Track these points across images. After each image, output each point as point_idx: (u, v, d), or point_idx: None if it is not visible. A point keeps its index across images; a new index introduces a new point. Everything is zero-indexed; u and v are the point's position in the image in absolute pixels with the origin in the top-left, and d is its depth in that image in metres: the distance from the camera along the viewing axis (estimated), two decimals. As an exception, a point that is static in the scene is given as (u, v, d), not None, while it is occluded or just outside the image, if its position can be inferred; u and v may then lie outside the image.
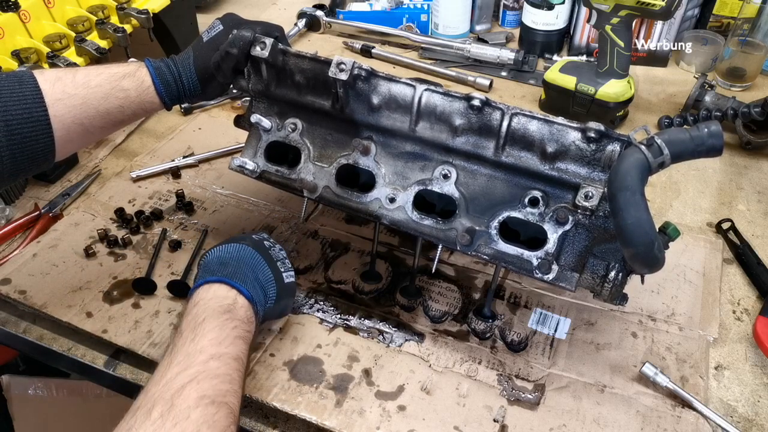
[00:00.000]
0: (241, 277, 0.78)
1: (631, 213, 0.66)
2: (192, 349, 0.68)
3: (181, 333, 0.71)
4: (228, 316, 0.73)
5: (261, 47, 0.87)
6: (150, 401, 0.62)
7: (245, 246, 0.83)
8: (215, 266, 0.80)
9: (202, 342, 0.69)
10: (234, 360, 0.69)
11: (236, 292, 0.77)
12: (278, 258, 0.86)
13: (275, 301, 0.83)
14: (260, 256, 0.83)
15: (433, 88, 0.82)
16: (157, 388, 0.64)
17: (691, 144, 0.67)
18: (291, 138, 0.91)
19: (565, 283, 0.78)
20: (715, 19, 1.58)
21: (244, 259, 0.81)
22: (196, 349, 0.68)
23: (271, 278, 0.82)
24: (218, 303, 0.74)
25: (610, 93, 1.27)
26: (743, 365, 0.89)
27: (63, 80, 0.81)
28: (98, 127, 0.85)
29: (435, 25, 1.67)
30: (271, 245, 0.87)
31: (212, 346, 0.69)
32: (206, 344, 0.69)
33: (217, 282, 0.77)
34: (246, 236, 0.87)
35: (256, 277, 0.80)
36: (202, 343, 0.69)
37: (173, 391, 0.63)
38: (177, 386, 0.63)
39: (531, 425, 0.82)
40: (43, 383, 1.43)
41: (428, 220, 0.84)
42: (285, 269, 0.86)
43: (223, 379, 0.66)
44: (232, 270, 0.79)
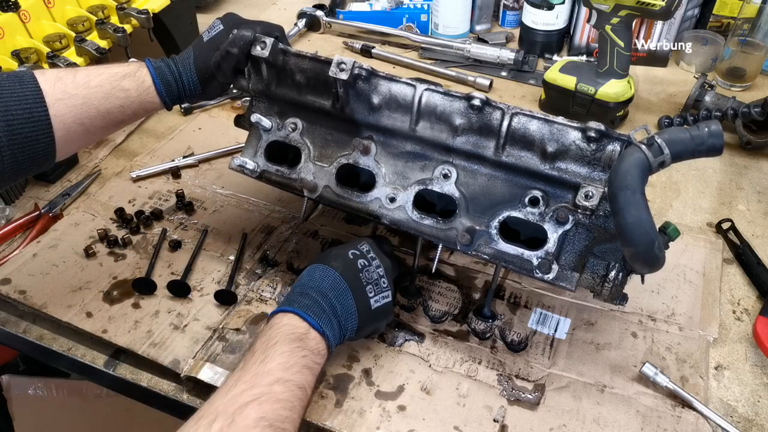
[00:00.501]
0: (317, 310, 0.77)
1: (631, 212, 0.66)
2: (260, 369, 0.69)
3: (254, 352, 0.72)
4: (299, 344, 0.73)
5: (261, 47, 0.87)
6: (213, 413, 0.63)
7: (332, 272, 0.81)
8: (296, 295, 0.79)
9: (271, 364, 0.69)
10: (298, 388, 0.69)
11: (308, 324, 0.76)
12: (370, 280, 0.82)
13: (357, 330, 0.81)
14: (346, 284, 0.80)
15: (433, 87, 0.83)
16: (222, 401, 0.65)
17: (691, 143, 0.67)
18: (291, 138, 0.91)
19: (565, 282, 0.78)
20: (715, 19, 1.58)
21: (326, 290, 0.79)
22: (264, 370, 0.69)
23: (353, 310, 0.80)
24: (291, 330, 0.74)
25: (610, 93, 1.27)
26: (743, 365, 0.89)
27: (64, 80, 0.81)
28: (99, 127, 0.85)
29: (435, 25, 1.67)
30: (366, 264, 0.83)
31: (279, 371, 0.69)
32: (274, 367, 0.69)
33: (291, 312, 0.76)
34: (340, 253, 0.84)
35: (334, 311, 0.78)
36: (271, 365, 0.69)
37: (236, 407, 0.64)
38: (240, 403, 0.64)
39: (531, 425, 0.82)
40: (43, 383, 1.43)
41: (428, 220, 0.84)
42: (376, 292, 0.82)
43: (285, 405, 0.67)
44: (309, 302, 0.77)
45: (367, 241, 0.87)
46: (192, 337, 0.92)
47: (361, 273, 0.82)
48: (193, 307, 0.97)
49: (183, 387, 0.89)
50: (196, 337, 0.92)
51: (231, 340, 0.92)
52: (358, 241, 0.86)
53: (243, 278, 1.02)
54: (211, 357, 0.89)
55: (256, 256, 1.05)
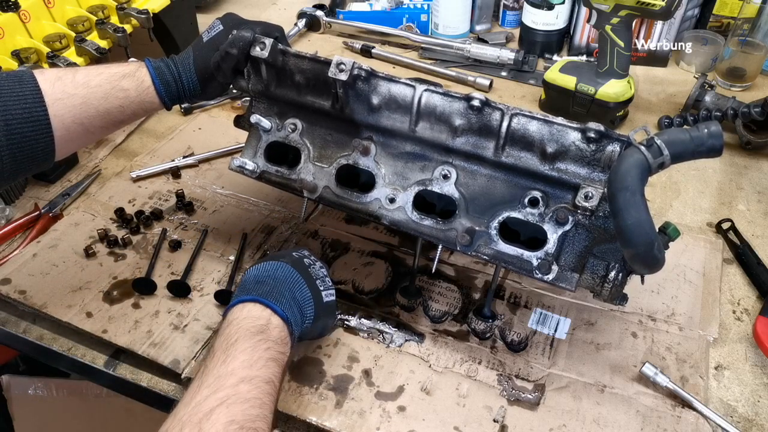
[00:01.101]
0: (277, 295, 0.76)
1: (631, 213, 0.66)
2: (223, 371, 0.66)
3: (213, 353, 0.70)
4: (261, 337, 0.71)
5: (261, 47, 0.87)
6: (178, 424, 0.61)
7: (283, 263, 0.81)
8: (251, 285, 0.78)
9: (233, 364, 0.67)
10: (265, 383, 0.67)
11: (270, 311, 0.74)
12: (318, 276, 0.84)
13: (313, 320, 0.81)
14: (298, 274, 0.81)
15: (432, 88, 0.82)
16: (186, 410, 0.63)
17: (691, 144, 0.67)
18: (291, 138, 0.91)
19: (565, 283, 0.78)
20: (715, 19, 1.58)
21: (281, 278, 0.79)
22: (226, 371, 0.66)
23: (309, 297, 0.80)
24: (251, 323, 0.72)
25: (610, 93, 1.27)
26: (743, 365, 0.89)
27: (63, 80, 0.81)
28: (98, 126, 0.85)
29: (435, 25, 1.67)
30: (312, 263, 0.85)
31: (243, 369, 0.67)
32: (237, 366, 0.67)
33: (251, 301, 0.75)
34: (286, 253, 0.85)
35: (293, 296, 0.78)
36: (233, 365, 0.67)
37: (202, 415, 0.62)
38: (206, 410, 0.62)
39: (531, 425, 0.82)
40: (43, 383, 1.43)
41: (428, 221, 0.84)
42: (325, 287, 0.84)
43: (253, 404, 0.65)
44: (268, 289, 0.77)
45: (305, 248, 0.89)
46: (192, 337, 0.92)
47: (309, 269, 0.83)
48: (193, 307, 0.97)
49: (183, 387, 0.89)
50: (196, 337, 0.92)
51: (231, 341, 0.92)
52: (297, 248, 0.89)
53: (243, 278, 1.02)
54: (211, 357, 0.89)
55: (256, 256, 1.05)
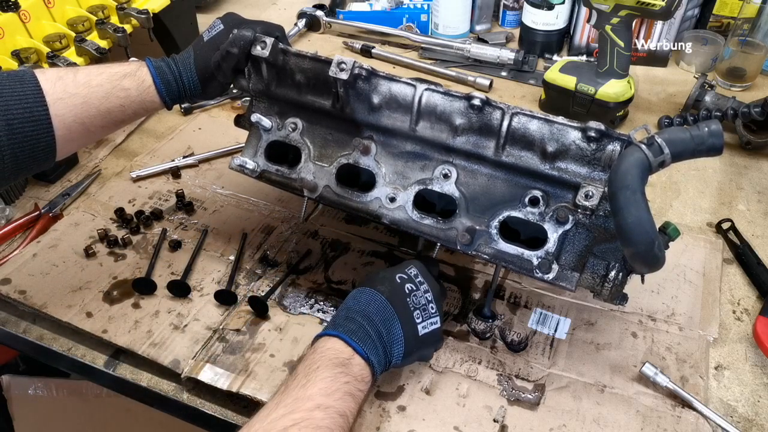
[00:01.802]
0: (362, 335, 0.74)
1: (631, 212, 0.66)
2: (301, 394, 0.67)
3: (296, 375, 0.70)
4: (342, 369, 0.71)
5: (261, 47, 0.87)
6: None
7: (378, 297, 0.78)
8: (341, 320, 0.77)
9: (312, 389, 0.68)
10: (339, 416, 0.67)
11: (352, 350, 0.73)
12: (418, 305, 0.79)
13: (403, 357, 0.78)
14: (392, 309, 0.77)
15: (433, 87, 0.83)
16: (261, 425, 0.64)
17: (691, 143, 0.67)
18: (291, 137, 0.91)
19: (565, 282, 0.78)
20: (715, 19, 1.58)
21: (372, 315, 0.76)
22: (305, 395, 0.67)
23: (399, 337, 0.77)
24: (335, 355, 0.72)
25: (610, 93, 1.27)
26: (743, 365, 0.89)
27: (64, 79, 0.81)
28: (99, 126, 0.85)
29: (435, 25, 1.67)
30: (414, 288, 0.80)
31: (321, 396, 0.67)
32: (315, 392, 0.67)
33: (335, 337, 0.74)
34: (387, 276, 0.81)
35: (380, 337, 0.76)
36: (312, 390, 0.68)
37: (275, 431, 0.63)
38: (280, 428, 0.63)
39: (531, 425, 0.82)
40: (43, 383, 1.43)
41: (428, 220, 0.84)
42: (424, 318, 0.79)
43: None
44: (354, 327, 0.75)
45: (415, 264, 0.84)
46: (192, 337, 0.92)
47: (409, 298, 0.79)
48: (193, 307, 0.97)
49: (183, 387, 0.89)
50: (196, 337, 0.92)
51: (231, 341, 0.91)
52: (406, 265, 0.83)
53: (243, 278, 1.02)
54: (212, 358, 0.89)
55: (256, 256, 1.05)
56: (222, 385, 0.85)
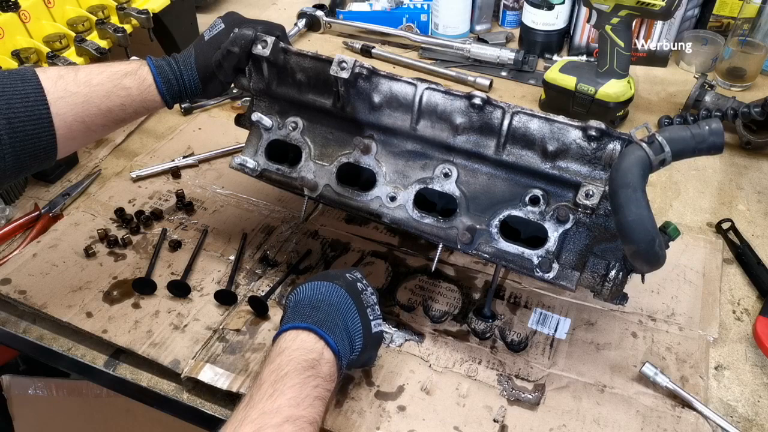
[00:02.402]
0: (331, 325, 0.73)
1: (632, 210, 0.66)
2: (269, 407, 0.64)
3: (261, 384, 0.67)
4: (311, 372, 0.68)
5: (262, 46, 0.87)
6: None
7: (339, 288, 0.78)
8: (306, 309, 0.75)
9: (280, 400, 0.65)
10: (309, 424, 0.65)
11: (323, 343, 0.71)
12: (369, 303, 0.80)
13: (360, 352, 0.77)
14: (352, 301, 0.77)
15: (434, 86, 0.83)
16: None
17: (692, 141, 0.67)
18: (292, 136, 0.91)
19: (565, 281, 0.78)
20: (715, 19, 1.58)
21: (336, 304, 0.76)
22: (272, 407, 0.64)
23: (359, 328, 0.77)
24: (304, 356, 0.70)
25: (610, 93, 1.27)
26: (743, 365, 0.89)
27: (65, 78, 0.81)
28: (100, 125, 0.85)
29: (435, 25, 1.67)
30: (364, 288, 0.81)
31: (290, 407, 0.65)
32: (284, 404, 0.65)
33: (306, 329, 0.72)
34: (339, 274, 0.81)
35: (345, 326, 0.75)
36: (280, 401, 0.65)
37: None
38: None
39: (531, 425, 0.82)
40: (43, 383, 1.43)
41: (429, 219, 0.84)
42: (374, 316, 0.80)
43: None
44: (323, 316, 0.73)
45: (358, 269, 0.85)
46: (192, 337, 0.92)
47: (362, 295, 0.80)
48: (193, 307, 0.97)
49: (183, 387, 0.89)
50: (196, 337, 0.92)
51: (231, 341, 0.91)
52: (350, 269, 0.84)
53: (243, 278, 1.02)
54: (212, 358, 0.89)
55: (256, 256, 1.05)
56: (222, 385, 0.85)
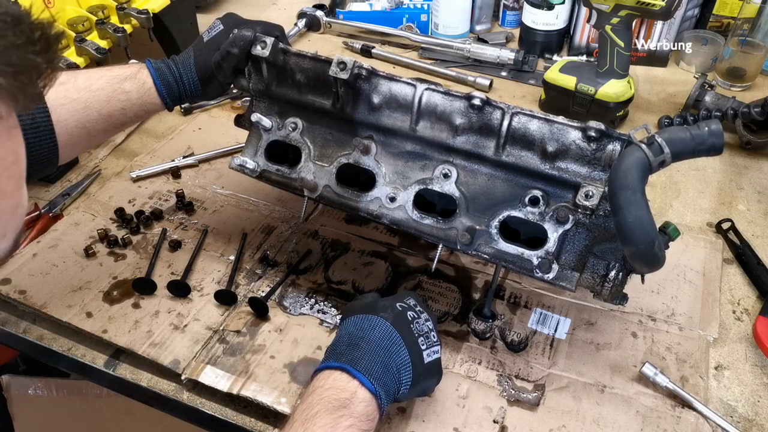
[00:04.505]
0: (368, 364, 0.70)
1: (631, 211, 0.66)
2: None
3: (292, 423, 0.66)
4: (343, 412, 0.66)
5: (262, 46, 0.87)
6: None
7: (382, 322, 0.74)
8: (343, 347, 0.72)
9: None
10: None
11: (357, 383, 0.69)
12: (421, 332, 0.76)
13: (411, 385, 0.74)
14: (398, 334, 0.73)
15: (433, 87, 0.83)
16: None
17: (691, 143, 0.67)
18: (291, 137, 0.91)
19: (565, 282, 0.78)
20: (715, 19, 1.58)
21: (377, 341, 0.72)
22: None
23: (407, 363, 0.73)
24: (335, 395, 0.67)
25: (610, 93, 1.27)
26: (743, 365, 0.89)
27: (65, 85, 0.81)
28: (101, 129, 0.85)
29: (435, 25, 1.67)
30: (416, 316, 0.77)
31: None
32: None
33: (339, 369, 0.70)
34: (388, 304, 0.77)
35: (387, 364, 0.71)
36: None
37: None
38: None
39: (531, 426, 0.82)
40: (43, 383, 1.43)
41: (428, 220, 0.84)
42: (428, 345, 0.76)
43: None
44: (359, 354, 0.70)
45: (412, 294, 0.82)
46: (192, 337, 0.92)
47: (412, 324, 0.76)
48: (193, 307, 0.97)
49: (183, 387, 0.89)
50: (197, 338, 0.92)
51: (231, 342, 0.91)
52: (403, 295, 0.81)
53: (243, 278, 1.02)
54: (212, 359, 0.89)
55: (256, 256, 1.05)
56: (222, 387, 0.85)
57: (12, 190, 0.45)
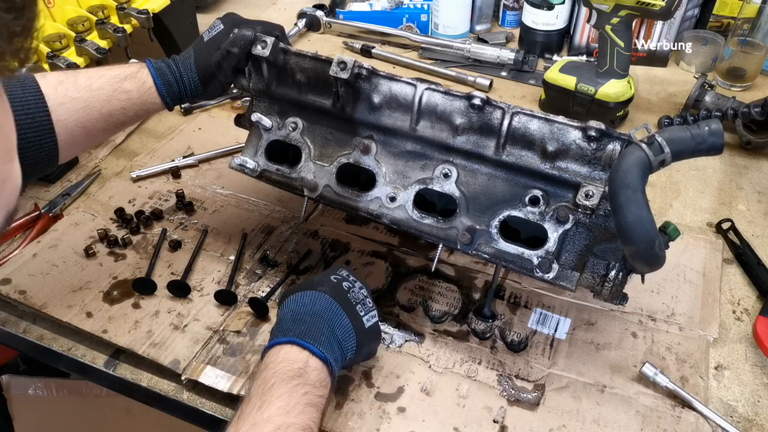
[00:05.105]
0: (315, 334, 0.73)
1: (632, 211, 0.66)
2: (258, 418, 0.64)
3: (249, 398, 0.67)
4: (298, 381, 0.68)
5: (262, 46, 0.87)
6: None
7: (322, 295, 0.77)
8: (289, 324, 0.75)
9: (270, 410, 0.65)
10: (302, 430, 0.65)
11: (308, 353, 0.71)
12: (358, 300, 0.79)
13: (356, 350, 0.77)
14: (338, 304, 0.77)
15: (434, 87, 0.83)
16: None
17: (692, 142, 0.67)
18: (291, 137, 0.91)
19: (565, 282, 0.78)
20: (715, 19, 1.58)
21: (320, 312, 0.75)
22: (262, 418, 0.64)
23: (350, 329, 0.76)
24: (288, 366, 0.70)
25: (610, 93, 1.27)
26: (743, 365, 0.89)
27: (65, 84, 0.81)
28: (101, 129, 0.85)
29: (435, 25, 1.67)
30: (351, 285, 0.80)
31: (280, 416, 0.65)
32: (274, 413, 0.65)
33: (288, 343, 0.72)
34: (324, 279, 0.80)
35: (332, 332, 0.74)
36: (270, 411, 0.65)
37: None
38: None
39: (531, 426, 0.82)
40: (43, 383, 1.43)
41: (429, 219, 0.84)
42: (365, 311, 0.79)
43: None
44: (305, 328, 0.73)
45: (343, 266, 0.85)
46: (192, 338, 0.92)
47: (348, 293, 0.79)
48: (193, 307, 0.97)
49: (183, 387, 0.89)
50: (197, 338, 0.92)
51: (231, 343, 0.91)
52: (335, 268, 0.84)
53: (243, 278, 1.02)
54: (212, 359, 0.89)
55: (256, 256, 1.05)
56: (223, 387, 0.85)
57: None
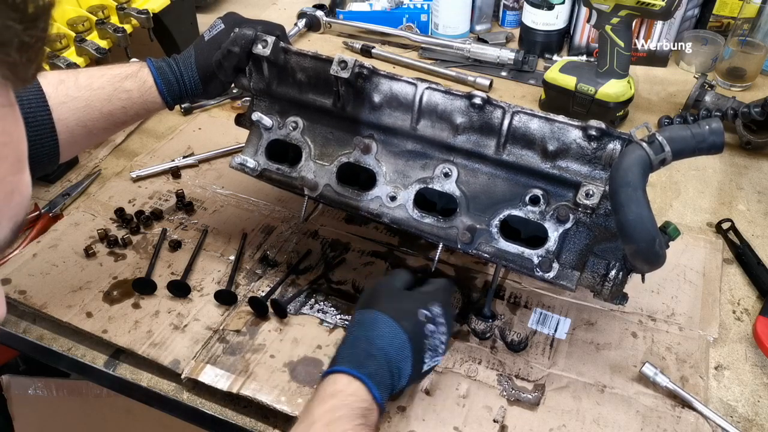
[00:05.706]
0: (380, 378, 0.72)
1: (632, 209, 0.66)
2: None
3: (313, 423, 0.67)
4: (362, 421, 0.68)
5: (263, 45, 0.87)
6: None
7: (401, 334, 0.74)
8: (362, 354, 0.73)
9: None
10: None
11: (372, 397, 0.71)
12: (431, 347, 0.77)
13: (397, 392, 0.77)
14: (410, 350, 0.74)
15: (434, 86, 0.83)
16: None
17: (692, 141, 0.67)
18: (292, 136, 0.91)
19: (565, 281, 0.78)
20: (715, 19, 1.58)
21: (392, 354, 0.73)
22: None
23: (406, 376, 0.75)
24: (357, 404, 0.69)
25: (610, 93, 1.27)
26: (743, 365, 0.89)
27: (66, 83, 0.81)
28: (101, 128, 0.85)
29: (435, 25, 1.67)
30: (434, 329, 0.77)
31: None
32: None
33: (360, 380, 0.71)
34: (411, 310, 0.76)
35: (392, 377, 0.73)
36: None
37: None
38: None
39: (531, 426, 0.82)
40: (43, 383, 1.43)
41: (429, 219, 0.84)
42: (431, 357, 0.77)
43: None
44: (375, 368, 0.72)
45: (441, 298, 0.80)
46: (192, 337, 0.92)
47: (427, 340, 0.76)
48: (193, 307, 0.97)
49: (183, 387, 0.89)
50: (197, 337, 0.92)
51: (231, 342, 0.91)
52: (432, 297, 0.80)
53: (243, 278, 1.02)
54: (212, 359, 0.89)
55: (256, 256, 1.05)
56: (222, 386, 0.85)
57: (3, 174, 0.41)
